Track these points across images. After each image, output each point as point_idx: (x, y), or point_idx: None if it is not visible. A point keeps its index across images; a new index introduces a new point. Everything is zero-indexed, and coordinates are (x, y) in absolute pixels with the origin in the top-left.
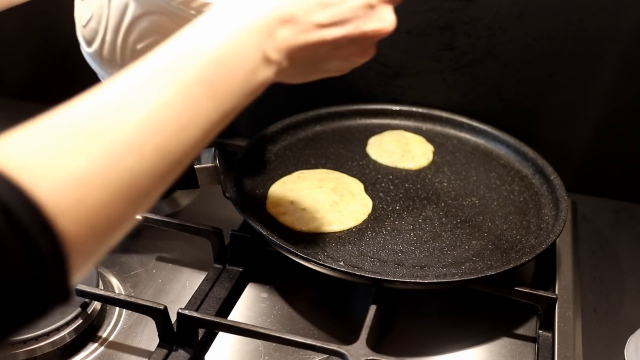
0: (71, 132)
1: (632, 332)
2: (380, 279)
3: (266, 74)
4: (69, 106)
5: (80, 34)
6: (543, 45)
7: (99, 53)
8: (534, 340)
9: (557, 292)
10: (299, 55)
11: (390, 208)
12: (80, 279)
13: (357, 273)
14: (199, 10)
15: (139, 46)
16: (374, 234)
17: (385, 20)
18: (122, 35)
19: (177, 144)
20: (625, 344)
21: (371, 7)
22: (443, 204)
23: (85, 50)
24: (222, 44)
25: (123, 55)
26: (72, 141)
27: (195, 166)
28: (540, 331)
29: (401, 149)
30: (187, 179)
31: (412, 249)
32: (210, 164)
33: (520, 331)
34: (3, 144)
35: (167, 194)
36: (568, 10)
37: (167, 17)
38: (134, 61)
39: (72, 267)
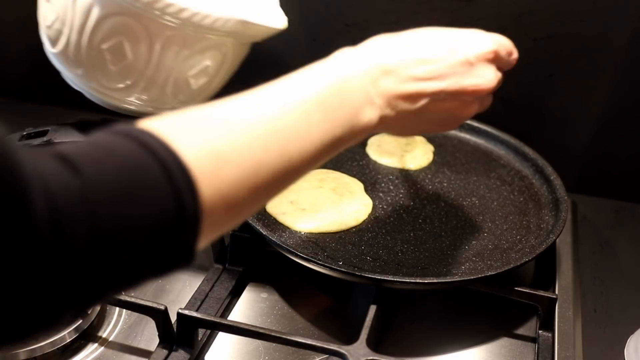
0: (216, 120)
1: (632, 332)
2: (380, 279)
3: (370, 115)
4: (215, 103)
5: (45, 34)
6: (543, 45)
7: (63, 53)
8: (534, 340)
9: (557, 292)
10: (399, 103)
11: (390, 208)
12: (201, 248)
13: (357, 273)
14: (164, 11)
15: (104, 46)
16: (374, 234)
17: (484, 77)
18: (87, 36)
19: (294, 149)
20: (625, 344)
21: (470, 64)
22: (443, 204)
23: (50, 50)
24: (337, 80)
25: (89, 55)
26: (216, 127)
27: None
28: (540, 331)
29: (401, 149)
30: None
31: (412, 249)
32: None
33: (520, 331)
34: (161, 120)
35: None
36: (568, 10)
37: (131, 18)
38: (99, 61)
39: (203, 232)
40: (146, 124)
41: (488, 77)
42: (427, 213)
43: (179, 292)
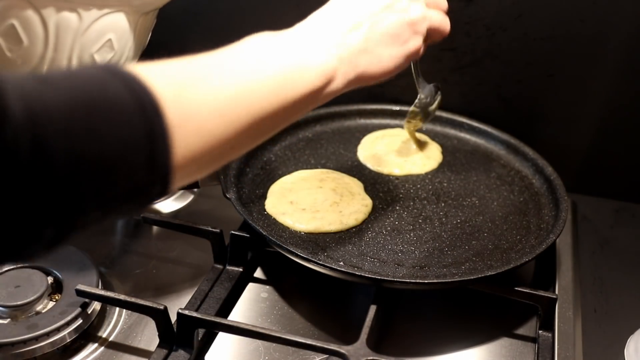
0: (204, 72)
1: (632, 332)
2: (380, 279)
3: (328, 62)
4: (205, 55)
5: None
6: (543, 45)
7: None
8: (534, 340)
9: (557, 292)
10: (346, 38)
11: (390, 208)
12: (180, 184)
13: (357, 273)
14: None
15: None
16: (374, 234)
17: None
18: None
19: (265, 107)
20: (625, 344)
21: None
22: (443, 204)
23: None
24: (307, 56)
25: None
26: (203, 78)
27: None
28: (540, 331)
29: (402, 157)
30: None
31: (412, 249)
32: None
33: (520, 331)
34: (147, 67)
35: (193, 186)
36: (568, 10)
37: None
38: None
39: (175, 171)
40: (133, 68)
41: (439, 14)
42: (427, 213)
43: (179, 292)
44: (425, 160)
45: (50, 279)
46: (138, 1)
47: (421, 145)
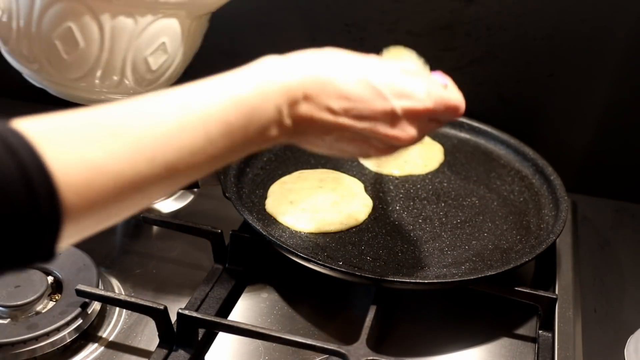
0: (101, 128)
1: (632, 332)
2: (380, 279)
3: (276, 133)
4: (103, 107)
5: None
6: (543, 45)
7: (17, 50)
8: (534, 340)
9: (557, 292)
10: (308, 129)
11: (390, 208)
12: (69, 244)
13: (357, 273)
14: None
15: (54, 35)
16: (374, 234)
17: (404, 132)
18: (35, 27)
19: (184, 165)
20: (625, 344)
21: (395, 117)
22: (443, 204)
23: (3, 48)
24: (251, 96)
25: (41, 48)
26: (98, 136)
27: None
28: (540, 331)
29: (402, 158)
30: None
31: (412, 249)
32: None
33: (520, 331)
34: (37, 120)
35: (193, 186)
36: (568, 10)
37: (75, 1)
38: (52, 53)
39: (64, 233)
40: (22, 124)
41: (408, 133)
42: (427, 213)
43: (179, 292)
44: (427, 161)
45: (50, 279)
46: (191, 6)
47: (422, 146)
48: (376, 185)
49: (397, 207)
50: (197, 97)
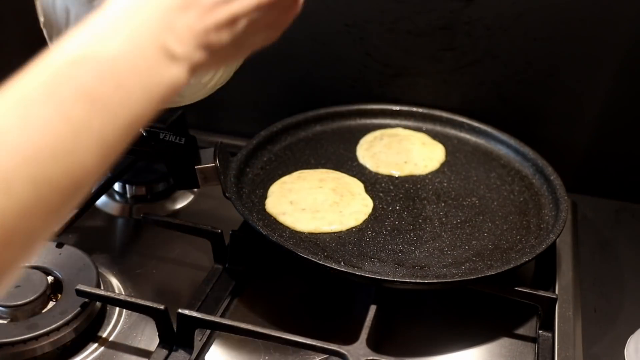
0: None
1: (632, 332)
2: (380, 279)
3: (174, 73)
4: None
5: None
6: (543, 45)
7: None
8: (534, 340)
9: (557, 292)
10: (213, 39)
11: (390, 208)
12: None
13: (357, 273)
14: None
15: None
16: (374, 234)
17: None
18: None
19: (62, 172)
20: (625, 344)
21: None
22: (443, 204)
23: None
24: (105, 50)
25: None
26: None
27: (195, 166)
28: (540, 331)
29: (402, 159)
30: (187, 178)
31: (412, 249)
32: (210, 164)
33: (520, 331)
34: None
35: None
36: (568, 10)
37: None
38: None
39: None
40: None
41: None
42: (427, 213)
43: (179, 292)
44: (428, 162)
45: (50, 279)
46: None
47: (423, 146)
48: (376, 185)
49: (397, 207)
50: (40, 82)
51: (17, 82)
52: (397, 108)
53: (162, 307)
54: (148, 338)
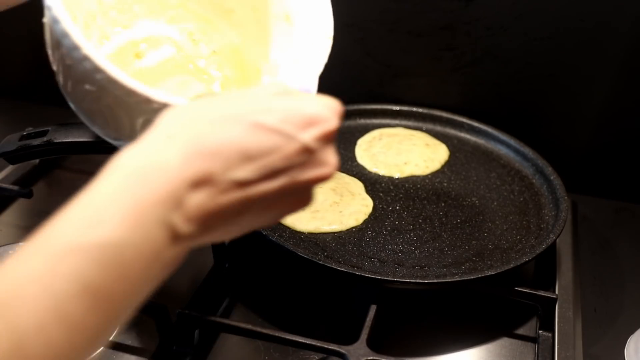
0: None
1: (632, 332)
2: (381, 279)
3: (173, 254)
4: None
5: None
6: (543, 45)
7: (58, 82)
8: (534, 340)
9: (557, 292)
10: (217, 220)
11: (390, 208)
12: None
13: (357, 273)
14: (143, 107)
15: (84, 105)
16: (374, 234)
17: (327, 164)
18: (70, 89)
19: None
20: (625, 344)
21: (309, 152)
22: (443, 204)
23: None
24: (110, 234)
25: (73, 97)
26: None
27: None
28: (540, 331)
29: (402, 159)
30: None
31: (412, 249)
32: None
33: (520, 331)
34: None
35: None
36: (568, 10)
37: (109, 97)
38: (87, 115)
39: None
40: None
41: (331, 162)
42: (427, 213)
43: (179, 292)
44: (430, 162)
45: None
46: None
47: (427, 147)
48: (376, 185)
49: (397, 207)
50: (37, 275)
51: (3, 270)
52: (397, 108)
53: (162, 306)
54: (148, 338)
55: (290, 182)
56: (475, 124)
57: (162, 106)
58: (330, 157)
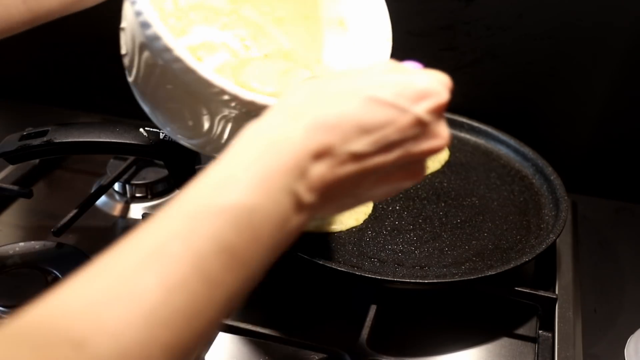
0: (42, 345)
1: (632, 332)
2: (380, 279)
3: (299, 222)
4: (47, 300)
5: (123, 60)
6: (543, 45)
7: (134, 85)
8: (534, 340)
9: (557, 292)
10: (335, 191)
11: (390, 208)
12: None
13: (357, 273)
14: (227, 104)
15: (163, 104)
16: (374, 234)
17: (439, 136)
18: (151, 89)
19: (192, 334)
20: (625, 344)
21: (422, 124)
22: (443, 204)
23: (127, 77)
24: (241, 199)
25: (152, 104)
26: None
27: (195, 166)
28: (540, 331)
29: None
30: (188, 179)
31: (412, 249)
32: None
33: (520, 331)
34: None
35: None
36: (568, 10)
37: (191, 97)
38: (162, 112)
39: None
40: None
41: (443, 134)
42: (427, 213)
43: None
44: (429, 162)
45: (50, 278)
46: None
47: None
48: None
49: (397, 207)
50: (177, 234)
51: (147, 228)
52: None
53: None
54: None
55: (404, 155)
56: (475, 124)
57: (248, 104)
58: (443, 129)
